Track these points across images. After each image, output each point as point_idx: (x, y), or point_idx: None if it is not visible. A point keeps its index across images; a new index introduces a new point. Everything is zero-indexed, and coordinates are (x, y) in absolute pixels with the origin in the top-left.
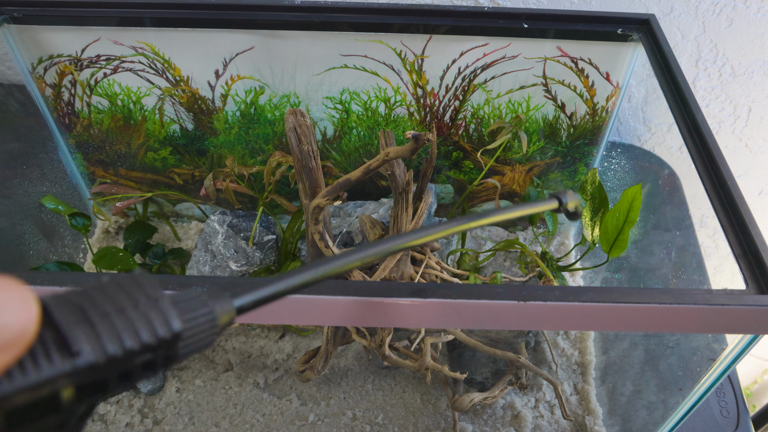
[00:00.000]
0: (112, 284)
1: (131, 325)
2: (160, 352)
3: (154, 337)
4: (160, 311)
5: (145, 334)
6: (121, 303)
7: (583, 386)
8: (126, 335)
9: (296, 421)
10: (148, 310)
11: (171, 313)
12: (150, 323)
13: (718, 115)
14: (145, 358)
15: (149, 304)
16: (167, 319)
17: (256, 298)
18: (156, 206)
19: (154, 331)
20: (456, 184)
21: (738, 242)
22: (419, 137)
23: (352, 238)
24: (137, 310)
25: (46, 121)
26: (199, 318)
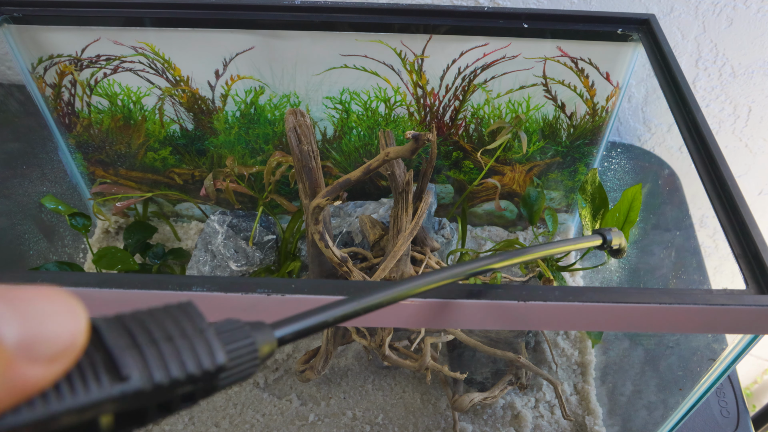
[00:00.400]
0: (162, 311)
1: (178, 355)
2: (201, 384)
3: (199, 368)
4: (206, 342)
5: (191, 364)
6: (169, 331)
7: (583, 386)
8: (173, 365)
9: (296, 421)
10: (194, 340)
11: (216, 345)
12: (196, 354)
13: (718, 115)
14: (186, 390)
15: (196, 334)
16: (212, 351)
17: (297, 330)
18: (156, 206)
19: (200, 363)
20: (456, 184)
21: (738, 242)
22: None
23: (352, 238)
24: (184, 340)
25: (46, 121)
26: (242, 349)
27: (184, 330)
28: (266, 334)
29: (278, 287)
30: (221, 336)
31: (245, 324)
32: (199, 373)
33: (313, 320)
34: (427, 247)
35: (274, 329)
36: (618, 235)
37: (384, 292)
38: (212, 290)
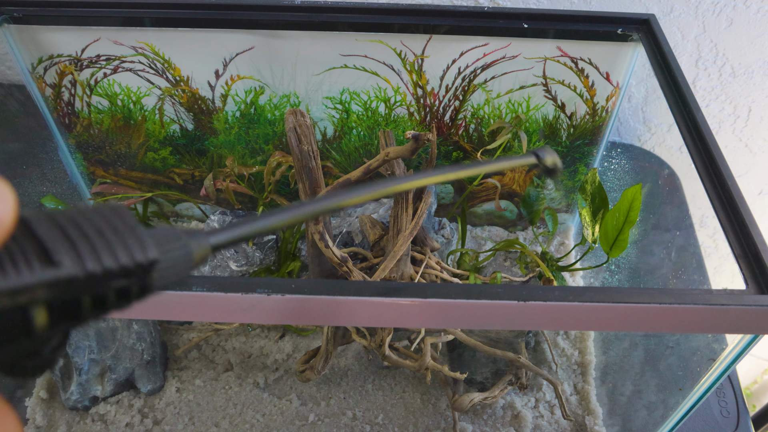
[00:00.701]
0: (91, 210)
1: (110, 247)
2: (135, 279)
3: (131, 260)
4: (138, 237)
5: (124, 256)
6: (100, 226)
7: (583, 386)
8: (105, 255)
9: (296, 421)
10: (126, 235)
11: (148, 240)
12: (128, 248)
13: (718, 115)
14: (120, 283)
15: (127, 230)
16: (144, 246)
17: (231, 237)
18: (156, 206)
19: (132, 255)
20: (456, 184)
21: (738, 242)
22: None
23: (352, 238)
24: (116, 234)
25: (46, 121)
26: (175, 251)
27: (115, 227)
28: (200, 240)
29: (278, 287)
30: (155, 237)
31: (179, 229)
32: (132, 265)
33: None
34: (427, 247)
35: (208, 236)
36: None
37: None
38: (212, 290)
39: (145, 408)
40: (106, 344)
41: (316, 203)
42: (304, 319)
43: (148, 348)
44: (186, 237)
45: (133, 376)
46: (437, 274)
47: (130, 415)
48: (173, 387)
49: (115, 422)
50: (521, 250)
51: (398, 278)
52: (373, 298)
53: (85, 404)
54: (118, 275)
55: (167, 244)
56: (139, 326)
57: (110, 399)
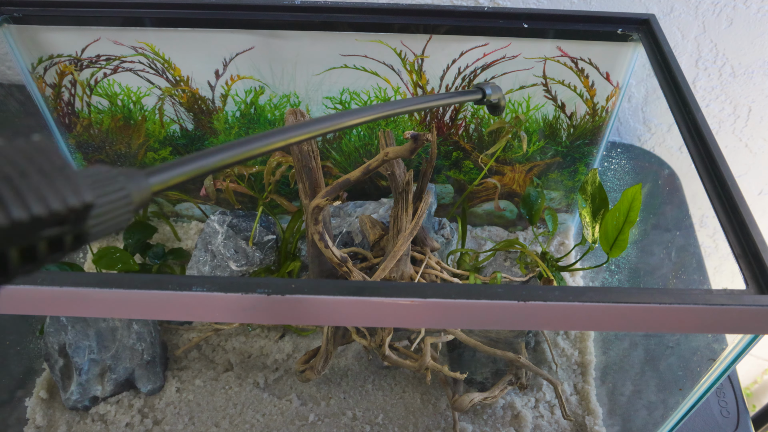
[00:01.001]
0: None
1: (37, 190)
2: (69, 226)
3: (63, 204)
4: (69, 179)
5: (54, 201)
6: (23, 167)
7: (583, 386)
8: (32, 200)
9: (296, 421)
10: (54, 177)
11: (81, 182)
12: (58, 190)
13: (718, 115)
14: (52, 232)
15: (55, 171)
16: (77, 189)
17: (173, 175)
18: (156, 206)
19: (64, 199)
20: (456, 184)
21: (738, 242)
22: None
23: (352, 238)
24: (43, 176)
25: (46, 121)
26: (112, 194)
27: (41, 167)
28: (139, 181)
29: (278, 287)
30: (88, 179)
31: (114, 170)
32: (65, 211)
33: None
34: (427, 247)
35: (148, 177)
36: (497, 90)
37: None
38: (212, 290)
39: (145, 408)
40: (106, 344)
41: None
42: (304, 319)
43: (148, 348)
44: (123, 178)
45: (133, 376)
46: (437, 274)
47: (130, 415)
48: (173, 387)
49: (115, 422)
50: (521, 250)
51: (398, 278)
52: (372, 298)
53: (85, 404)
54: (49, 222)
55: (102, 186)
56: (139, 326)
57: (110, 399)
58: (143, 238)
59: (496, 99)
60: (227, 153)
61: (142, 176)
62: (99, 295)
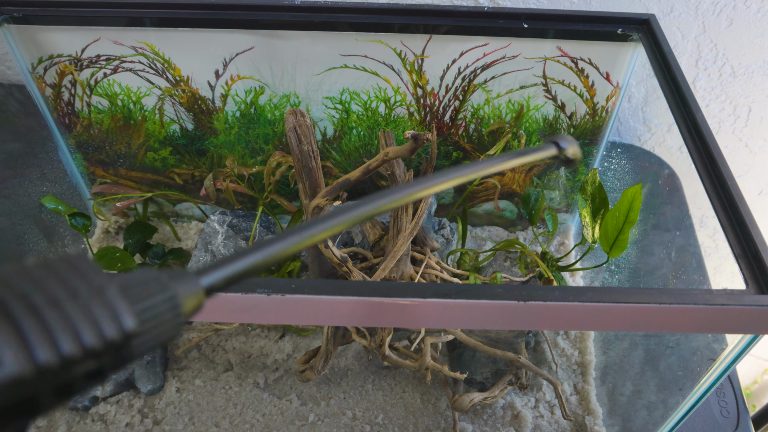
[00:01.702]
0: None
1: (69, 324)
2: (107, 357)
3: (100, 339)
4: (108, 304)
5: (89, 335)
6: (54, 294)
7: (583, 386)
8: (63, 338)
9: (296, 421)
10: (91, 303)
11: (121, 306)
12: (94, 321)
13: (718, 115)
14: (89, 366)
15: (92, 295)
16: (117, 315)
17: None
18: (156, 206)
19: (100, 332)
20: None
21: (738, 242)
22: (418, 137)
23: (352, 238)
24: (77, 304)
25: (46, 121)
26: (159, 306)
27: (75, 290)
28: (190, 284)
29: (278, 287)
30: (129, 292)
31: (161, 274)
32: (101, 345)
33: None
34: (427, 247)
35: (199, 277)
36: (572, 143)
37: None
38: None
39: (145, 408)
40: None
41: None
42: (304, 319)
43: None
44: (170, 282)
45: (133, 376)
46: (437, 274)
47: (130, 415)
48: (173, 387)
49: (115, 422)
50: (521, 250)
51: (398, 278)
52: (373, 298)
53: (85, 404)
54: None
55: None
56: None
57: (110, 399)
58: (143, 238)
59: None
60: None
61: (193, 277)
62: None
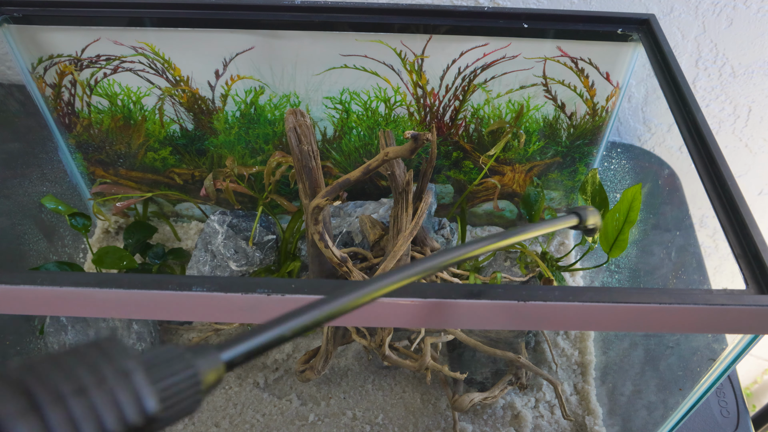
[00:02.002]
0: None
1: (93, 412)
2: None
3: (122, 424)
4: (132, 389)
5: (112, 421)
6: (81, 381)
7: (583, 386)
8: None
9: (296, 421)
10: (116, 388)
11: (144, 389)
12: (118, 407)
13: (718, 115)
14: None
15: (118, 380)
16: (140, 399)
17: (248, 349)
18: (156, 206)
19: (123, 417)
20: (456, 184)
21: (738, 242)
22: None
23: (352, 238)
24: (102, 390)
25: (46, 121)
26: (181, 384)
27: (102, 376)
28: (211, 359)
29: (278, 287)
30: (152, 371)
31: (184, 351)
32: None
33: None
34: (427, 247)
35: (220, 352)
36: (594, 213)
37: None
38: (212, 290)
39: None
40: None
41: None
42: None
43: (148, 348)
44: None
45: None
46: (437, 273)
47: None
48: None
49: None
50: (521, 250)
51: None
52: None
53: None
54: None
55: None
56: (139, 326)
57: None
58: (143, 238)
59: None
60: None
61: (214, 352)
62: (99, 295)
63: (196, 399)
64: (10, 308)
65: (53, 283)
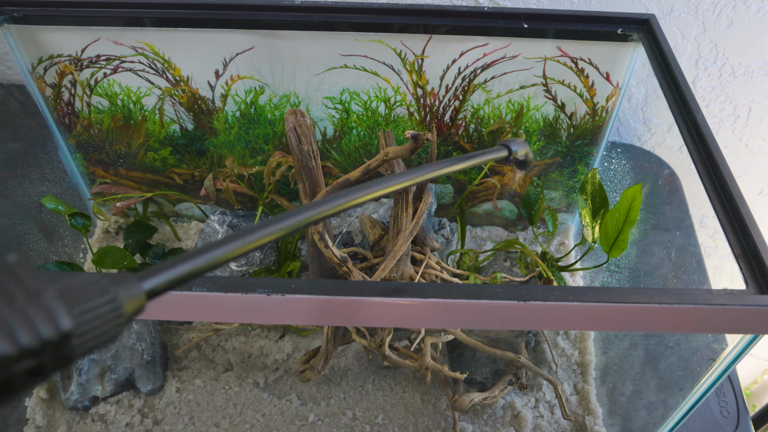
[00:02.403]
0: None
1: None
2: (46, 355)
3: (36, 339)
4: (44, 307)
5: (24, 336)
6: None
7: (583, 386)
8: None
9: (296, 421)
10: (27, 306)
11: (58, 308)
12: (30, 322)
13: (718, 115)
14: (27, 365)
15: (29, 299)
16: (53, 316)
17: (170, 278)
18: (156, 206)
19: (36, 332)
20: (456, 184)
21: (738, 242)
22: (418, 137)
23: (352, 238)
24: (13, 308)
25: (46, 121)
26: (98, 308)
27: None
28: (131, 288)
29: (278, 287)
30: (69, 296)
31: (102, 277)
32: (38, 344)
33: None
34: (427, 247)
35: (141, 281)
36: (523, 145)
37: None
38: (212, 290)
39: (145, 408)
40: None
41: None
42: (304, 319)
43: (148, 348)
44: (111, 285)
45: (133, 376)
46: (437, 274)
47: (130, 415)
48: (173, 387)
49: (115, 422)
50: (521, 250)
51: (398, 278)
52: (373, 298)
53: (85, 404)
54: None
55: (86, 302)
56: (139, 326)
57: (110, 399)
58: (143, 238)
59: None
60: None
61: (134, 281)
62: None
63: (117, 325)
64: None
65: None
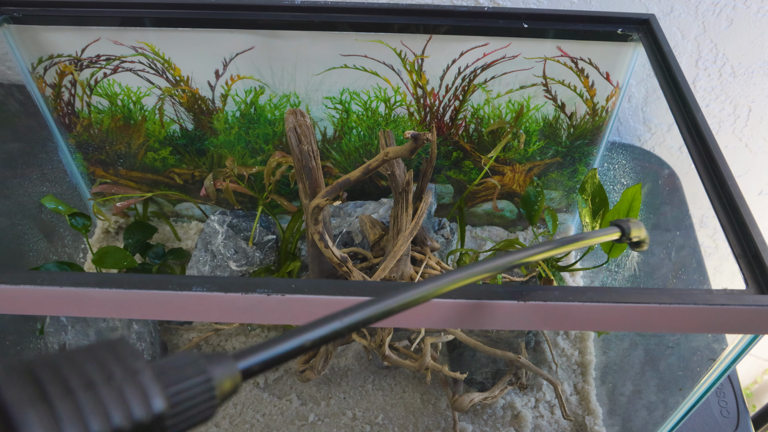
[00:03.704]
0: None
1: (100, 406)
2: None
3: (128, 420)
4: (140, 387)
5: (118, 416)
6: (90, 376)
7: (583, 386)
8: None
9: (296, 421)
10: (123, 385)
11: (153, 389)
12: (125, 402)
13: (718, 115)
14: None
15: (126, 377)
16: (147, 397)
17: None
18: (156, 206)
19: (129, 413)
20: (456, 184)
21: (738, 242)
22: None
23: (352, 238)
24: (110, 386)
25: (46, 121)
26: (193, 389)
27: (111, 374)
28: (226, 367)
29: (278, 287)
30: (164, 376)
31: (199, 357)
32: (129, 426)
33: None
34: (427, 247)
35: (236, 360)
36: (637, 225)
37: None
38: (212, 290)
39: None
40: None
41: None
42: (304, 319)
43: (148, 348)
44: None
45: None
46: (437, 274)
47: None
48: None
49: None
50: None
51: (398, 278)
52: None
53: None
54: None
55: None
56: (139, 326)
57: None
58: (143, 238)
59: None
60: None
61: (230, 360)
62: (99, 295)
63: (210, 405)
64: (10, 308)
65: (53, 283)
